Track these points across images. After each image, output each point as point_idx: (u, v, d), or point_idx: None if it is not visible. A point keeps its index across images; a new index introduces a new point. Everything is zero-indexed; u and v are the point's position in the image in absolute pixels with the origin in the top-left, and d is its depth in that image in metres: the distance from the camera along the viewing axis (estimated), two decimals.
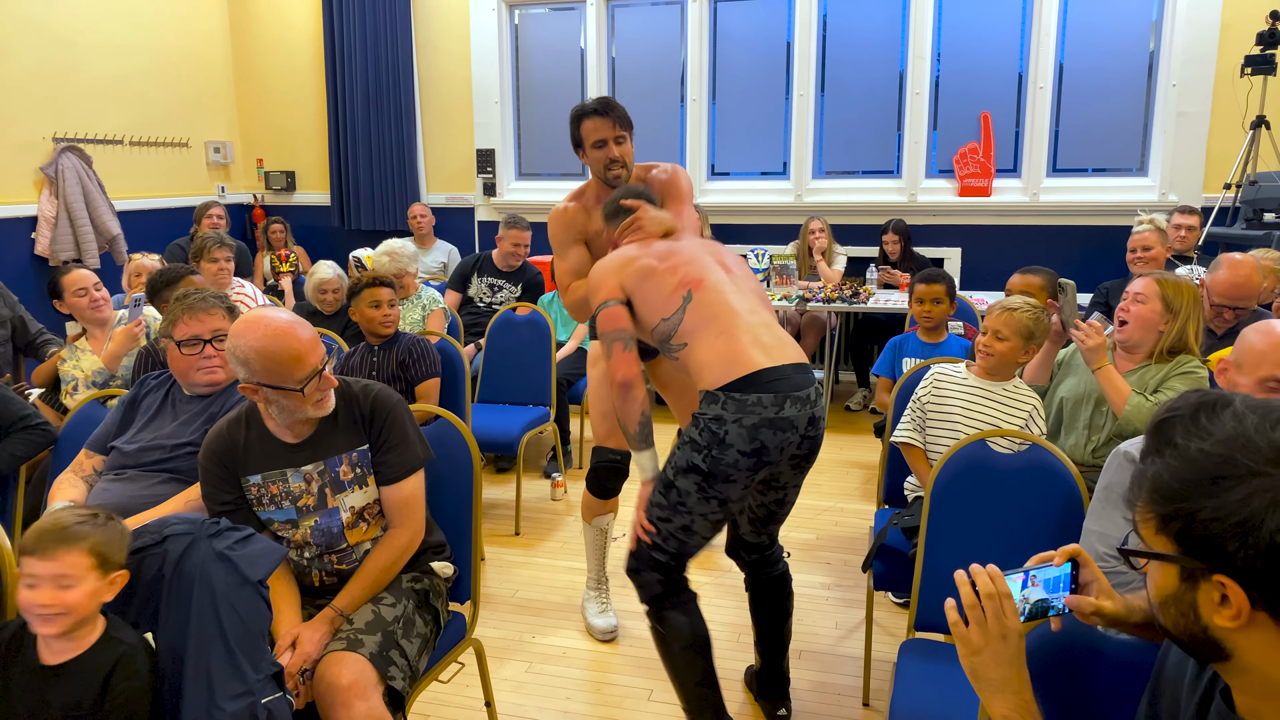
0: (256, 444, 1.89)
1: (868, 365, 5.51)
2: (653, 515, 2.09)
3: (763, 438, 1.97)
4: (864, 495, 4.08)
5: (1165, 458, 0.91)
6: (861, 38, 5.86)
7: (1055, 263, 5.49)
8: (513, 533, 3.72)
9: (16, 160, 5.15)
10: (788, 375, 2.02)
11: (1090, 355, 2.49)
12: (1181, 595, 0.91)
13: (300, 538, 1.90)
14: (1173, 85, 5.28)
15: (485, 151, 6.49)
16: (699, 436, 2.00)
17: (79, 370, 3.22)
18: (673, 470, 2.05)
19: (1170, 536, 0.90)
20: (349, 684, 1.66)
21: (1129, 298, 2.53)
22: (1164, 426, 0.93)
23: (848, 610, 3.05)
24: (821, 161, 6.08)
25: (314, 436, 1.89)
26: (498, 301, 4.78)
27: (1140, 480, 0.94)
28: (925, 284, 3.42)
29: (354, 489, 1.90)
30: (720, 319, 2.08)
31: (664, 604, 2.13)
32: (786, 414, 1.98)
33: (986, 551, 2.07)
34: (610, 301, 2.19)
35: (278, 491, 1.88)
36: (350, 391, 1.94)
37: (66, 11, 5.40)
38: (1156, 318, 2.48)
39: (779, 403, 1.97)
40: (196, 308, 2.19)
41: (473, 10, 6.32)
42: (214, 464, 1.89)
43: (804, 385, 2.03)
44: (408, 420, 1.95)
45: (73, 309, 3.28)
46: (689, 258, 2.20)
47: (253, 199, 7.05)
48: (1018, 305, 2.49)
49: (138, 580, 1.54)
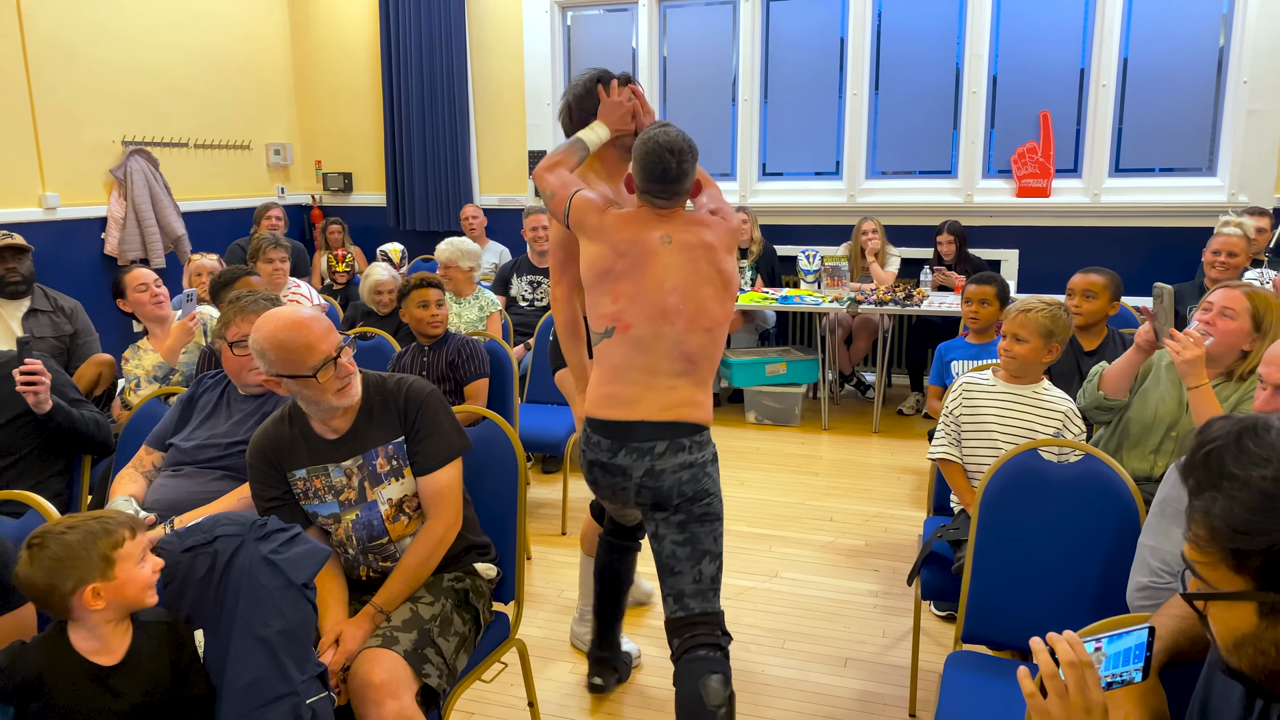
0: (301, 440, 1.94)
1: (921, 369, 5.43)
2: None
3: (595, 475, 2.15)
4: (914, 502, 4.01)
5: (1225, 491, 0.86)
6: (917, 35, 5.76)
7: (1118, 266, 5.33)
8: (559, 532, 3.74)
9: (88, 163, 5.34)
10: (636, 429, 2.07)
11: (1187, 370, 2.22)
12: (1261, 634, 0.86)
13: (342, 533, 1.94)
14: (1244, 81, 5.09)
15: (537, 153, 6.53)
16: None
17: (140, 369, 3.32)
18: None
19: (1249, 573, 0.85)
20: (381, 682, 1.68)
21: (1215, 309, 2.34)
22: (1211, 459, 0.89)
23: (895, 619, 3.00)
24: (875, 161, 5.99)
25: (351, 431, 1.94)
26: (539, 298, 4.82)
27: (1203, 518, 0.88)
28: (975, 285, 3.41)
29: (390, 480, 1.94)
30: (621, 367, 2.10)
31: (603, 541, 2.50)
32: (619, 461, 2.08)
33: (1038, 566, 2.03)
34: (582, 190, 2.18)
35: (321, 486, 1.93)
36: (385, 386, 1.98)
37: (137, 17, 5.58)
38: (1243, 335, 2.31)
39: (614, 450, 2.08)
40: (248, 309, 2.24)
41: (526, 13, 6.37)
42: (260, 460, 1.95)
43: (650, 438, 2.06)
44: (441, 410, 1.98)
45: (134, 305, 3.38)
46: (638, 291, 2.09)
47: (311, 200, 7.20)
48: (1033, 306, 2.43)
49: (190, 578, 1.59)
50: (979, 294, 3.38)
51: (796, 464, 4.55)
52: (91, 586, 1.42)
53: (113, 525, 1.47)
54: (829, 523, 3.80)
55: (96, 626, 1.46)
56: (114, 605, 1.46)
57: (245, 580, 1.55)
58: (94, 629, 1.46)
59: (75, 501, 2.65)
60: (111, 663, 1.46)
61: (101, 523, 1.47)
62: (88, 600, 1.42)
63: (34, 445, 2.54)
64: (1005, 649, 2.22)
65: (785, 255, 5.86)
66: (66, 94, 5.16)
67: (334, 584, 1.92)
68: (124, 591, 1.46)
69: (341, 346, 1.87)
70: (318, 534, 1.97)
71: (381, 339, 3.72)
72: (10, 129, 4.86)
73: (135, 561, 1.47)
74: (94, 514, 1.50)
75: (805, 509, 3.95)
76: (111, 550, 1.45)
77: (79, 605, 1.43)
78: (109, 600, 1.44)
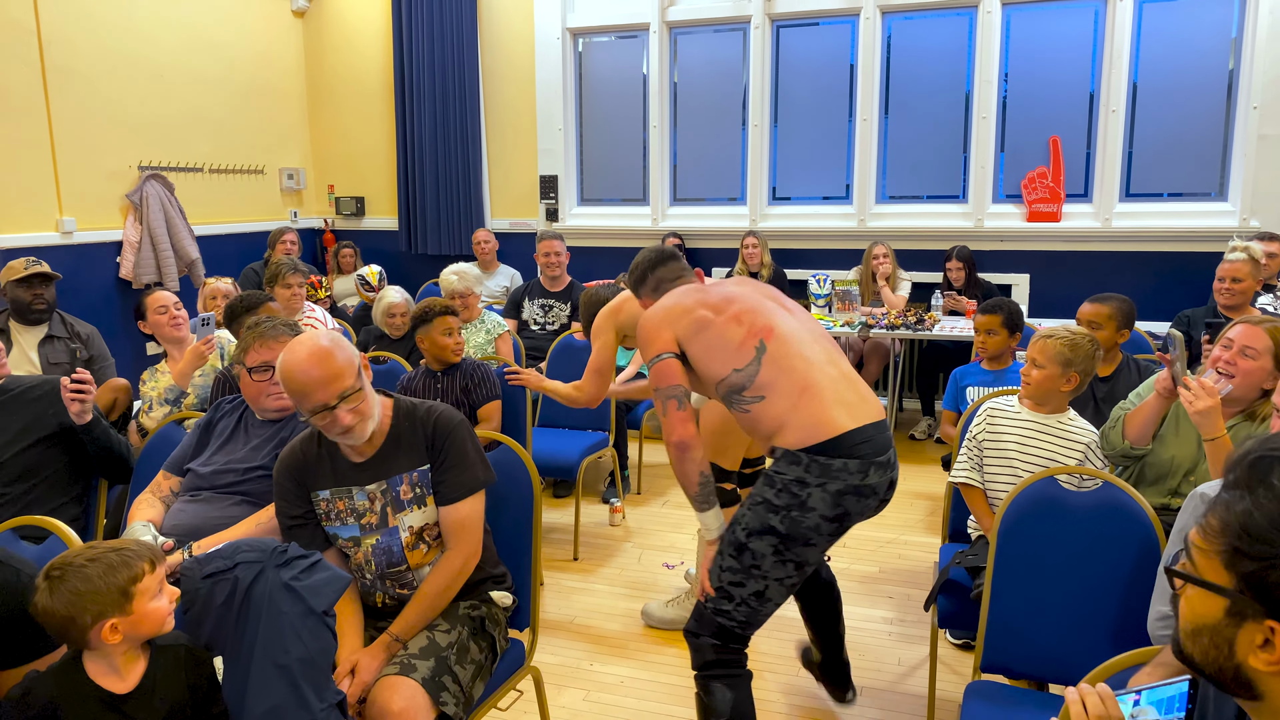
0: (327, 460, 1.95)
1: (933, 393, 5.42)
2: (723, 580, 1.99)
3: (846, 504, 1.92)
4: (928, 528, 3.99)
5: (1258, 495, 0.88)
6: (926, 60, 5.80)
7: (1129, 291, 5.33)
8: (571, 558, 3.73)
9: (105, 188, 5.39)
10: (871, 438, 1.94)
11: (1202, 421, 2.15)
12: (1221, 629, 0.90)
13: (361, 557, 1.94)
14: (1254, 107, 5.10)
15: (548, 178, 6.58)
16: (776, 498, 1.93)
17: (154, 390, 3.34)
18: (744, 532, 1.96)
19: (1235, 572, 0.88)
20: (400, 710, 1.68)
21: (1235, 347, 2.27)
22: (1260, 464, 0.90)
23: (911, 646, 2.98)
24: (885, 186, 6.01)
25: (378, 456, 1.94)
26: (550, 321, 4.84)
27: (1220, 510, 0.91)
28: (982, 314, 3.43)
29: (413, 508, 1.93)
30: (798, 371, 1.98)
31: (714, 674, 2.03)
32: (870, 481, 1.93)
33: (1057, 594, 2.02)
34: (664, 354, 2.07)
35: (343, 508, 1.94)
36: (415, 413, 1.98)
37: (154, 45, 5.66)
38: (1265, 375, 2.25)
39: (864, 469, 1.92)
40: (267, 335, 2.25)
41: (538, 39, 6.44)
42: (286, 479, 1.96)
43: (886, 448, 1.97)
44: (469, 441, 1.97)
45: (154, 326, 3.41)
46: (751, 305, 2.08)
47: (323, 224, 7.26)
48: (1054, 333, 2.42)
49: (210, 605, 1.59)
50: (985, 324, 3.40)
51: None
52: (110, 622, 1.43)
53: (132, 558, 1.47)
54: (842, 548, 3.78)
55: (111, 655, 1.46)
56: (130, 638, 1.46)
57: (265, 607, 1.55)
58: (109, 658, 1.46)
59: (92, 526, 2.66)
60: (126, 690, 1.46)
61: (121, 555, 1.47)
62: (105, 635, 1.42)
63: (55, 469, 2.56)
64: (1024, 678, 2.20)
65: (795, 279, 5.88)
66: (84, 120, 5.23)
67: (351, 610, 1.91)
68: (141, 626, 1.46)
69: (345, 395, 1.82)
70: (336, 556, 1.97)
71: (395, 363, 3.73)
72: (29, 155, 4.93)
73: (152, 595, 1.48)
74: (114, 544, 1.50)
75: None
76: (130, 585, 1.45)
77: (96, 638, 1.43)
78: (126, 633, 1.45)
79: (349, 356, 1.87)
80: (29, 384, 2.60)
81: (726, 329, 2.04)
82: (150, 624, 1.47)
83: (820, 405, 1.94)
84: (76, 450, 2.57)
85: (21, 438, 2.50)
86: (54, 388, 2.58)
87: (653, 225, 6.40)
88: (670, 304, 2.14)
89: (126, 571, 1.45)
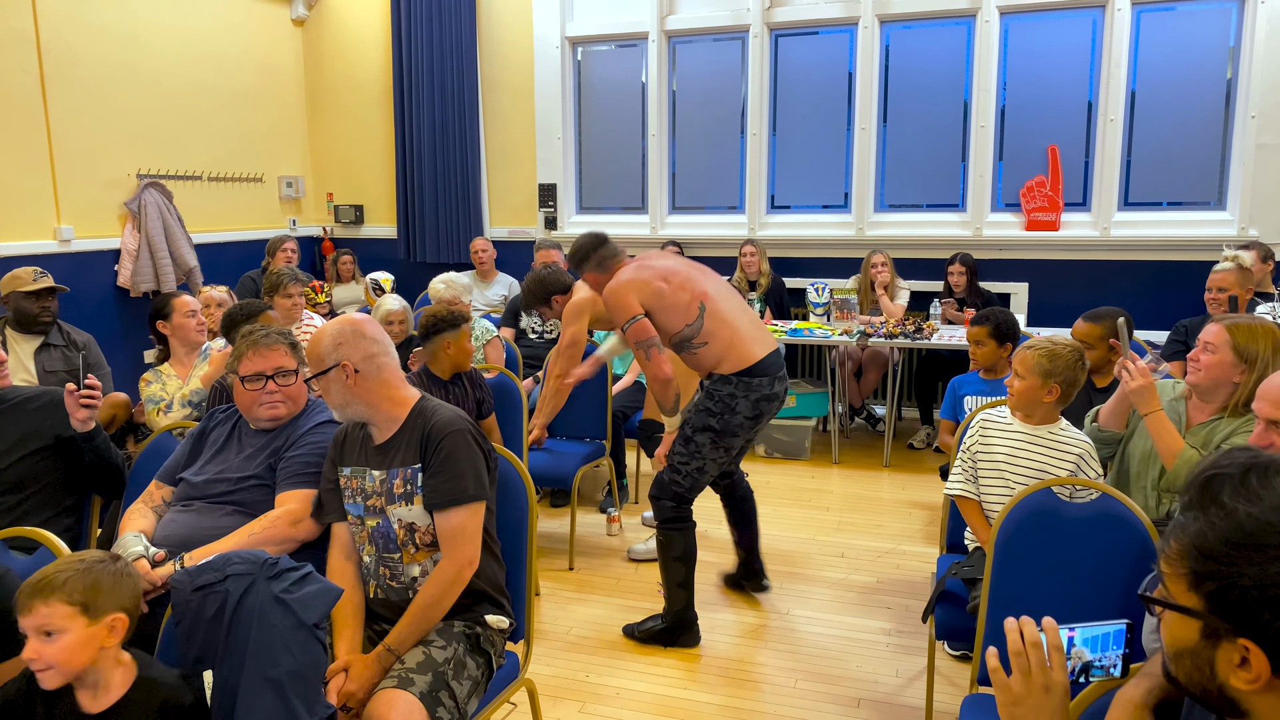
0: (358, 439, 2.06)
1: (931, 401, 5.41)
2: (675, 460, 2.93)
3: (760, 407, 2.88)
4: (926, 537, 3.98)
5: (1210, 516, 0.90)
6: (925, 68, 5.81)
7: (1128, 299, 5.33)
8: (567, 568, 3.71)
9: (104, 196, 5.40)
10: (774, 361, 2.90)
11: (1137, 399, 2.37)
12: (1199, 650, 0.91)
13: (365, 536, 2.01)
14: (1251, 116, 5.11)
15: (547, 186, 6.58)
16: (713, 405, 2.87)
17: (165, 392, 3.35)
18: (690, 429, 2.90)
19: (1201, 594, 0.90)
20: None
21: (1199, 345, 2.38)
22: (1211, 483, 0.92)
23: (908, 658, 2.96)
24: (884, 194, 6.01)
25: (389, 443, 2.01)
26: (548, 330, 4.83)
27: (1179, 533, 0.93)
28: (973, 324, 3.43)
29: (401, 504, 1.97)
30: (728, 323, 2.86)
31: (671, 525, 2.95)
32: (775, 390, 2.90)
33: (1054, 604, 2.00)
34: (637, 316, 2.81)
35: (356, 486, 2.03)
36: (424, 412, 2.01)
37: (155, 54, 5.67)
38: (1228, 368, 2.31)
39: (771, 383, 2.88)
40: (260, 344, 2.24)
41: (537, 48, 6.45)
42: (333, 447, 2.10)
43: (782, 367, 2.93)
44: (461, 452, 1.95)
45: (177, 329, 3.46)
46: (688, 275, 2.89)
47: (322, 231, 7.26)
48: (1036, 344, 2.41)
49: (200, 617, 1.58)
50: (974, 334, 3.41)
51: (807, 498, 4.52)
52: (114, 616, 1.47)
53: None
54: (840, 559, 3.76)
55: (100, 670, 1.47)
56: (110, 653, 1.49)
57: (256, 620, 1.54)
58: (95, 672, 1.47)
59: (85, 537, 2.64)
60: (97, 709, 1.47)
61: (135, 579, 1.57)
62: (102, 627, 1.45)
63: (50, 480, 2.54)
64: None
65: (794, 288, 5.87)
66: (83, 128, 5.23)
67: (350, 609, 1.95)
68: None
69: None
70: (347, 535, 2.04)
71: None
72: (28, 163, 4.93)
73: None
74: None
75: (816, 545, 3.92)
76: (135, 605, 1.52)
77: (97, 631, 1.45)
78: (119, 639, 1.47)
79: (324, 351, 1.98)
80: (28, 394, 2.60)
81: (677, 296, 2.84)
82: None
83: (744, 343, 2.86)
84: (72, 462, 2.56)
85: (18, 448, 2.49)
86: (52, 399, 2.57)
87: (651, 233, 6.40)
88: (630, 278, 2.85)
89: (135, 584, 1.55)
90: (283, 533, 2.05)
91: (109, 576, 1.48)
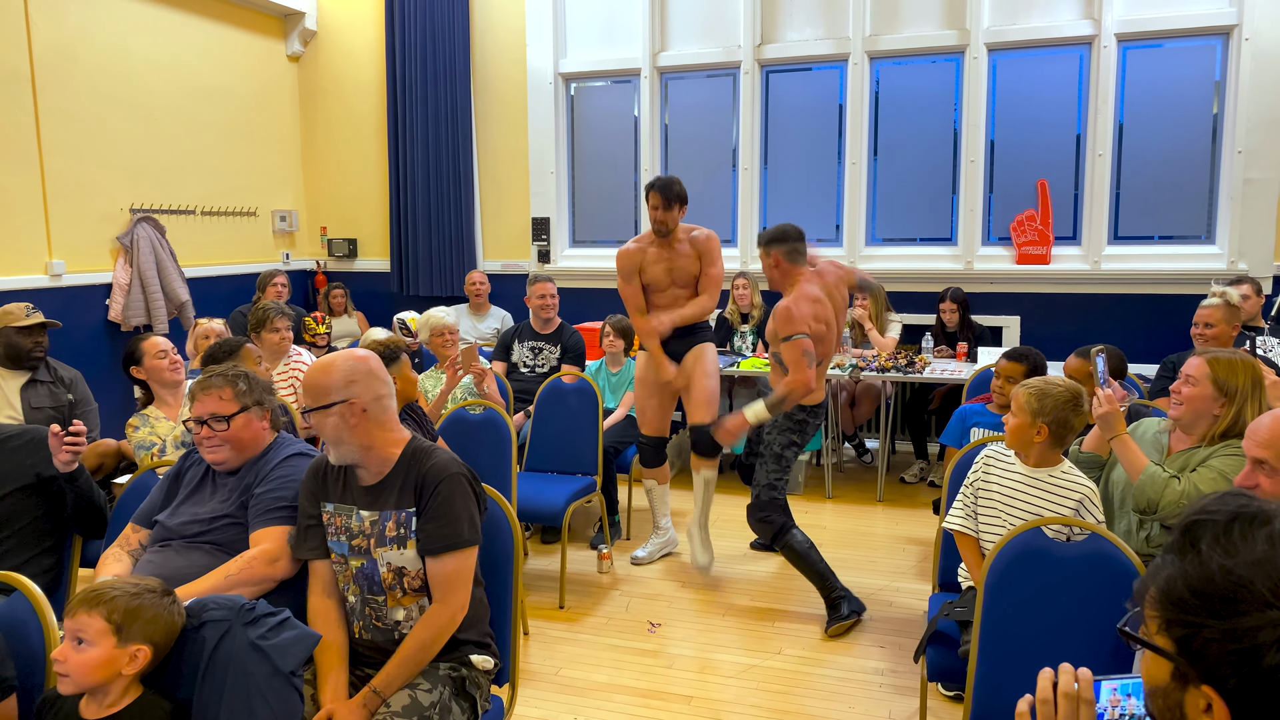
0: (339, 474, 2.01)
1: (924, 435, 5.39)
2: (770, 477, 3.44)
3: (809, 431, 3.50)
4: (920, 574, 3.94)
5: (1185, 563, 0.89)
6: (915, 104, 5.86)
7: (1118, 333, 5.35)
8: (557, 606, 3.67)
9: (96, 230, 5.40)
10: (823, 403, 3.55)
11: (1102, 423, 2.45)
12: (1170, 691, 0.90)
13: (349, 576, 1.97)
14: (1238, 151, 5.15)
15: (540, 219, 6.61)
16: (793, 428, 3.46)
17: (156, 435, 3.29)
18: (780, 447, 3.45)
19: (1170, 637, 0.90)
20: None
21: (1181, 377, 2.43)
22: (1194, 528, 0.91)
23: (901, 698, 2.92)
24: (875, 228, 6.04)
25: (380, 485, 1.96)
26: (540, 364, 4.82)
27: (1155, 576, 0.93)
28: (1008, 360, 3.31)
29: (393, 548, 1.93)
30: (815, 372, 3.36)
31: (783, 533, 3.40)
32: (819, 421, 3.53)
33: (1045, 646, 1.98)
34: (802, 334, 3.27)
35: (341, 525, 1.98)
36: (419, 453, 1.98)
37: (149, 88, 5.70)
38: (1208, 401, 2.35)
39: (819, 417, 3.53)
40: (198, 389, 2.20)
41: (530, 84, 6.50)
42: (311, 480, 2.04)
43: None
44: (457, 497, 1.93)
45: (151, 371, 3.35)
46: (827, 336, 3.44)
47: (316, 265, 7.27)
48: (1028, 382, 2.41)
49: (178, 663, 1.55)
50: (1008, 370, 3.27)
51: None
52: (140, 647, 1.52)
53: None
54: None
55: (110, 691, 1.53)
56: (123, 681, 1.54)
57: (232, 667, 1.52)
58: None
59: (65, 579, 2.61)
60: (98, 716, 1.52)
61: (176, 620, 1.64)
62: (126, 653, 1.50)
63: (30, 519, 2.51)
64: None
65: None
66: (76, 163, 5.25)
67: (334, 654, 1.90)
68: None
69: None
70: (328, 572, 2.00)
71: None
72: (20, 197, 4.93)
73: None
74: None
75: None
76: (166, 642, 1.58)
77: (120, 655, 1.50)
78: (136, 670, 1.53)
79: (333, 384, 1.95)
80: (10, 433, 2.57)
81: (818, 345, 3.35)
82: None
83: (820, 389, 3.48)
84: (53, 502, 2.53)
85: None
86: (35, 438, 2.54)
87: None
88: (806, 310, 3.31)
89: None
90: (260, 572, 2.01)
91: (152, 608, 1.55)
